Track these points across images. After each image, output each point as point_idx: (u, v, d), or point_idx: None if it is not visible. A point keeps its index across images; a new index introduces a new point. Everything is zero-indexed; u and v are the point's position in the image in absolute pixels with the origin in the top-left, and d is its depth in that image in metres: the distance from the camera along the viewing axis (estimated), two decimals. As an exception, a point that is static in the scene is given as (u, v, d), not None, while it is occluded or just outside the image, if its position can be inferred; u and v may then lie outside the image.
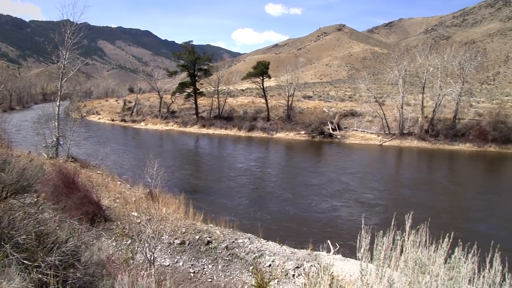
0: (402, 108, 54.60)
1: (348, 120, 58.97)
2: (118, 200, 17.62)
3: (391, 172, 40.45)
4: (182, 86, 68.55)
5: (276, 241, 14.83)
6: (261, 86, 63.99)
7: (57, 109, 28.53)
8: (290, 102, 62.25)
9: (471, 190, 33.35)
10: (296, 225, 20.83)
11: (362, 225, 4.94)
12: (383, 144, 52.86)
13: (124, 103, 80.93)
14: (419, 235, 4.90)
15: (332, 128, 56.61)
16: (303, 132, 56.60)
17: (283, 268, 12.75)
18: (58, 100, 28.69)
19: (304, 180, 32.72)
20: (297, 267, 12.64)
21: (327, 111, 60.76)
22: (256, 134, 58.43)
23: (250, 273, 12.38)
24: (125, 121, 73.21)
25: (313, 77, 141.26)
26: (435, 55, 61.64)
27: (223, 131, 60.49)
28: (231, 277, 12.57)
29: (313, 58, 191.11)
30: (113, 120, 76.06)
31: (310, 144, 53.23)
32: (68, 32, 26.32)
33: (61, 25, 26.67)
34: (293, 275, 12.24)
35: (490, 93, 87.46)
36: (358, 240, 5.07)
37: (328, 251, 14.46)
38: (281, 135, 57.67)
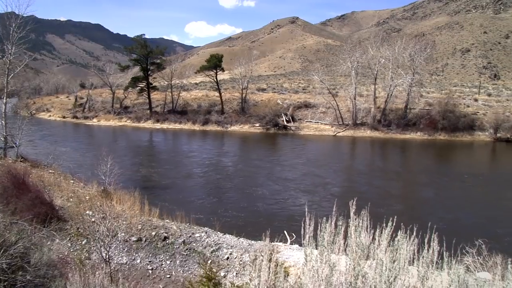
0: (355, 99, 55.54)
1: (302, 112, 59.49)
2: (71, 199, 17.15)
3: (345, 161, 41.08)
4: (135, 80, 67.47)
5: (233, 234, 14.83)
6: (215, 80, 63.69)
7: (4, 107, 27.50)
8: (244, 95, 62.21)
9: (422, 176, 34.40)
10: (253, 217, 20.86)
11: (306, 213, 4.99)
12: (337, 134, 53.66)
13: (76, 99, 78.69)
14: (361, 220, 4.97)
15: (286, 120, 56.97)
16: (257, 125, 56.74)
17: (241, 260, 12.77)
18: (4, 98, 27.65)
19: (260, 172, 32.85)
20: (255, 259, 12.66)
21: (281, 103, 61.05)
22: (211, 127, 58.18)
23: (198, 265, 12.36)
24: (77, 117, 71.21)
25: (267, 69, 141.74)
26: (386, 47, 62.98)
27: (177, 126, 59.89)
28: (189, 271, 12.50)
29: (266, 50, 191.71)
30: (64, 117, 73.73)
31: (265, 136, 53.46)
32: (14, 25, 25.21)
33: (5, 17, 25.66)
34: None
35: (440, 84, 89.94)
36: (302, 228, 5.14)
37: (285, 241, 14.57)
38: (235, 128, 57.66)
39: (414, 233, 4.90)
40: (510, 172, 37.38)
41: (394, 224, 4.95)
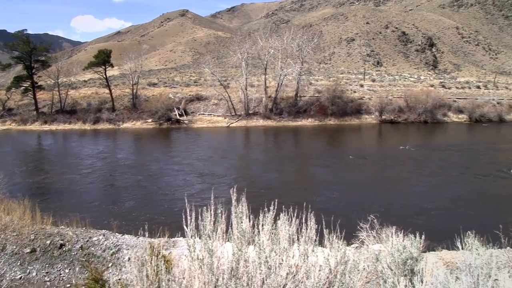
0: (246, 89, 56.41)
1: (195, 105, 59.40)
2: None
3: (239, 151, 41.81)
4: (18, 80, 63.31)
5: (132, 234, 14.60)
6: (104, 76, 61.66)
7: None
8: (135, 91, 60.70)
9: (314, 160, 36.14)
10: (153, 214, 20.66)
11: (186, 204, 5.02)
12: (230, 125, 54.29)
13: None
14: (241, 207, 5.06)
15: (179, 113, 56.64)
16: (150, 120, 55.82)
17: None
18: None
19: (155, 168, 32.51)
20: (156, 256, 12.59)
21: (173, 97, 60.44)
22: (102, 126, 56.20)
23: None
24: (-47, 123, 65.96)
25: (158, 63, 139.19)
26: (275, 38, 64.62)
27: (67, 126, 57.13)
28: (91, 277, 12.16)
29: (157, 44, 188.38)
30: None
31: (158, 131, 52.74)
32: None
33: None
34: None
35: (327, 72, 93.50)
36: (183, 219, 5.17)
37: (185, 236, 14.57)
38: (128, 125, 56.25)
39: (295, 215, 5.08)
40: (393, 151, 40.21)
41: (276, 207, 5.07)
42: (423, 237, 6.75)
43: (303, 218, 5.07)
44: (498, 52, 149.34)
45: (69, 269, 12.48)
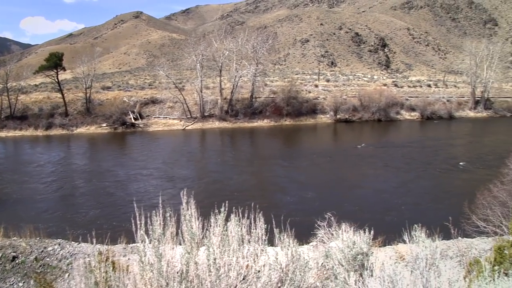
0: (201, 91, 56.16)
1: (150, 108, 58.70)
2: None
3: (195, 154, 41.43)
4: (-38, 85, 61.25)
5: (88, 242, 14.17)
6: (56, 80, 60.11)
7: None
8: (88, 95, 59.39)
9: (270, 160, 36.25)
10: (110, 221, 20.28)
11: (135, 209, 4.94)
12: (186, 128, 53.93)
13: None
14: (190, 209, 5.02)
15: (134, 117, 55.87)
16: (104, 125, 54.73)
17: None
18: None
19: (110, 174, 31.93)
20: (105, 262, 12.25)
21: (127, 100, 59.49)
22: (55, 131, 54.53)
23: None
24: None
25: (112, 66, 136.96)
26: (230, 39, 64.67)
27: (18, 133, 55.15)
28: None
29: (110, 47, 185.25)
30: None
31: (113, 136, 51.75)
32: None
33: None
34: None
35: (282, 72, 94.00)
36: (133, 224, 5.07)
37: (144, 241, 14.27)
38: (82, 130, 54.84)
39: (246, 215, 5.07)
40: (352, 149, 40.81)
41: (227, 209, 5.02)
42: (372, 232, 6.83)
43: (252, 218, 5.10)
44: (446, 52, 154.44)
45: (23, 282, 11.98)
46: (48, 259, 12.83)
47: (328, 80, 79.53)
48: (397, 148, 41.77)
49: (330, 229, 9.46)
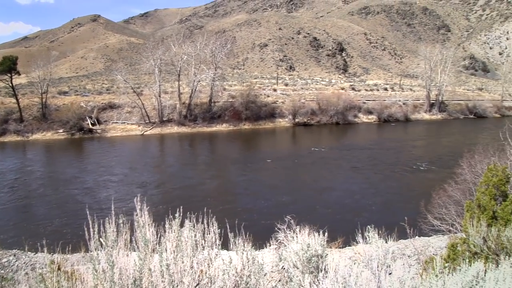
0: (160, 96, 55.84)
1: (108, 113, 57.78)
2: None
3: (154, 160, 40.76)
4: None
5: (45, 252, 14.00)
6: (10, 84, 58.55)
7: None
8: (44, 100, 57.98)
9: (230, 165, 36.40)
10: (65, 229, 19.96)
11: (88, 217, 4.86)
12: (145, 133, 53.32)
13: None
14: (143, 215, 4.97)
15: (91, 123, 54.88)
16: (61, 131, 53.48)
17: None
18: None
19: (69, 182, 31.27)
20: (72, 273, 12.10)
21: (85, 106, 58.34)
22: (10, 138, 52.82)
23: None
24: None
25: (69, 71, 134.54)
26: (189, 44, 64.50)
27: (-31, 140, 53.64)
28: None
29: (67, 50, 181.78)
30: None
31: (71, 142, 50.52)
32: None
33: None
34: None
35: (241, 77, 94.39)
36: (86, 232, 4.90)
37: (97, 249, 14.14)
38: (38, 136, 53.40)
39: (201, 220, 5.09)
40: (308, 152, 41.40)
41: (181, 214, 4.98)
42: (326, 234, 7.01)
43: (206, 223, 5.11)
44: (402, 56, 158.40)
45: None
46: (2, 271, 12.64)
47: (286, 84, 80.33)
48: (356, 151, 42.65)
49: (290, 231, 9.65)
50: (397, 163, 36.47)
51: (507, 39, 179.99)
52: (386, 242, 5.79)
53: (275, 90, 70.97)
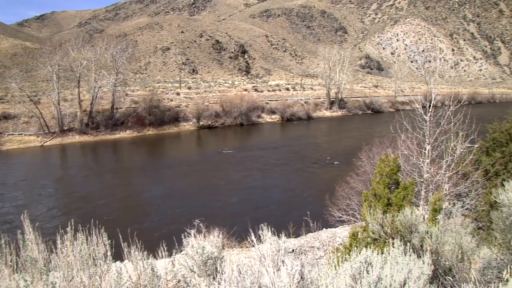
0: (59, 104, 53.83)
1: (2, 125, 54.34)
2: None
3: (53, 173, 38.94)
4: None
5: None
6: None
7: None
8: None
9: (134, 173, 36.24)
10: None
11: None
12: (44, 144, 50.97)
13: None
14: (30, 233, 4.81)
15: (-17, 136, 51.97)
16: None
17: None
18: None
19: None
20: None
21: (-25, 117, 55.25)
22: None
23: None
24: None
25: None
26: (89, 48, 63.12)
27: None
28: None
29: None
30: None
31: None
32: None
33: None
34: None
35: (144, 81, 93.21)
36: None
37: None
38: None
39: (96, 232, 5.03)
40: (213, 155, 42.19)
41: (73, 227, 4.95)
42: (221, 236, 7.46)
43: (99, 234, 5.07)
44: (303, 57, 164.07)
45: None
46: None
47: (190, 88, 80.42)
48: (261, 150, 44.05)
49: (190, 237, 10.03)
50: (302, 160, 38.27)
51: (397, 40, 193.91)
52: (279, 238, 6.31)
53: (178, 94, 70.94)
